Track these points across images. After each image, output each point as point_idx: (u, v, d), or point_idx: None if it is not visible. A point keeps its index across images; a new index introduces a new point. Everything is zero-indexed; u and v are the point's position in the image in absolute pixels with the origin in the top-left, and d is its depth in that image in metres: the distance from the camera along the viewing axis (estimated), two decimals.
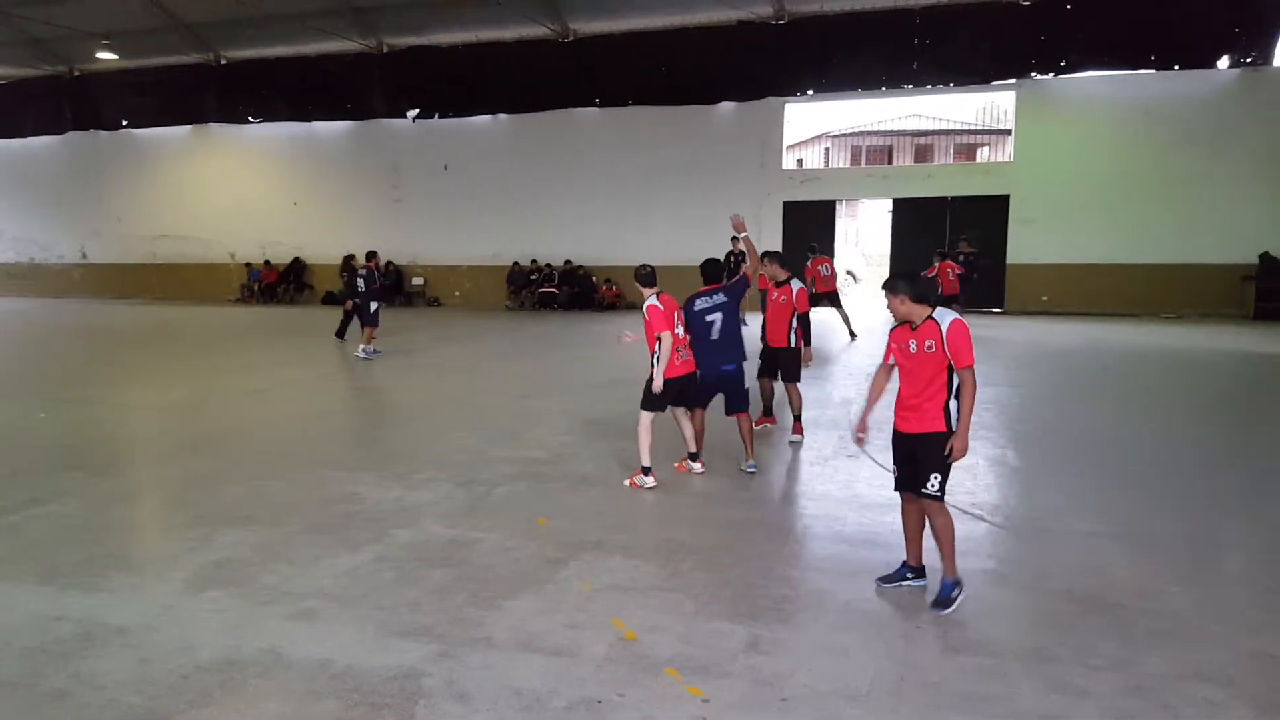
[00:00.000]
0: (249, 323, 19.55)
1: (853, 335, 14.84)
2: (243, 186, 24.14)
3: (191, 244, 24.50)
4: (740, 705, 3.58)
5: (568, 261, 21.48)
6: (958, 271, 15.79)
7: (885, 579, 4.74)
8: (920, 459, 4.45)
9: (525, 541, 5.44)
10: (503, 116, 21.83)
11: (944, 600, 4.42)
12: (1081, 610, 4.42)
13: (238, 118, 23.83)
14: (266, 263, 23.82)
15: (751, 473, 6.79)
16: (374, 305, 13.33)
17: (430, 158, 22.33)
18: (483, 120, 21.94)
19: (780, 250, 9.33)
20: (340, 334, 14.29)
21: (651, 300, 6.41)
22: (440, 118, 22.22)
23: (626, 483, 6.60)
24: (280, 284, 23.62)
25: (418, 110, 22.30)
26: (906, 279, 4.47)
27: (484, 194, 21.95)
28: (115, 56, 22.61)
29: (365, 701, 3.59)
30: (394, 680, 3.76)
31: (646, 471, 6.53)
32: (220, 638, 4.16)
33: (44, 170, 25.98)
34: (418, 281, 22.86)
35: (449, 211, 22.33)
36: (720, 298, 6.64)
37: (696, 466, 6.91)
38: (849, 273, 28.94)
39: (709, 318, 6.59)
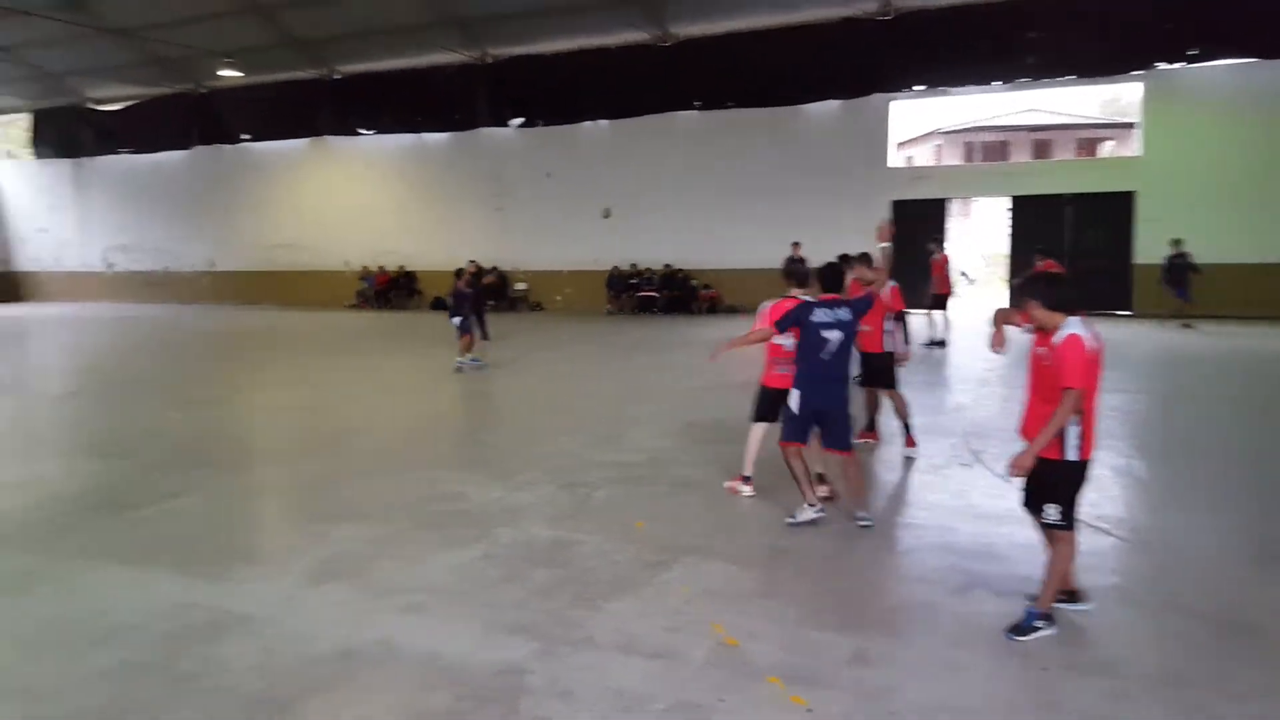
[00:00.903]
0: (362, 328, 20.32)
1: (940, 343, 14.08)
2: (355, 196, 25.11)
3: (308, 252, 25.63)
4: (845, 717, 3.50)
5: (667, 265, 21.53)
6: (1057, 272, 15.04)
7: (1033, 598, 4.37)
8: (1037, 485, 4.19)
9: (625, 544, 5.46)
10: (603, 122, 22.07)
11: (1021, 628, 4.14)
12: (1217, 632, 4.15)
13: (349, 130, 24.81)
14: (381, 269, 24.72)
15: (867, 526, 5.66)
16: (457, 318, 12.95)
17: (533, 165, 22.76)
18: (584, 127, 22.23)
19: (869, 254, 8.73)
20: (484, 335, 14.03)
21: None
22: (543, 125, 22.62)
23: (726, 485, 6.53)
24: (391, 290, 24.48)
25: (521, 119, 22.76)
26: (1043, 282, 4.17)
27: (585, 199, 22.24)
28: (238, 73, 23.88)
29: (472, 695, 3.67)
30: (499, 676, 3.83)
31: (746, 480, 6.42)
32: (336, 629, 4.33)
33: (175, 183, 27.64)
34: (521, 287, 23.31)
35: (550, 217, 22.71)
36: (844, 313, 5.59)
37: (746, 490, 6.44)
38: (963, 273, 28.05)
39: (827, 334, 5.54)
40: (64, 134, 28.53)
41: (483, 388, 11.91)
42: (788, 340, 5.95)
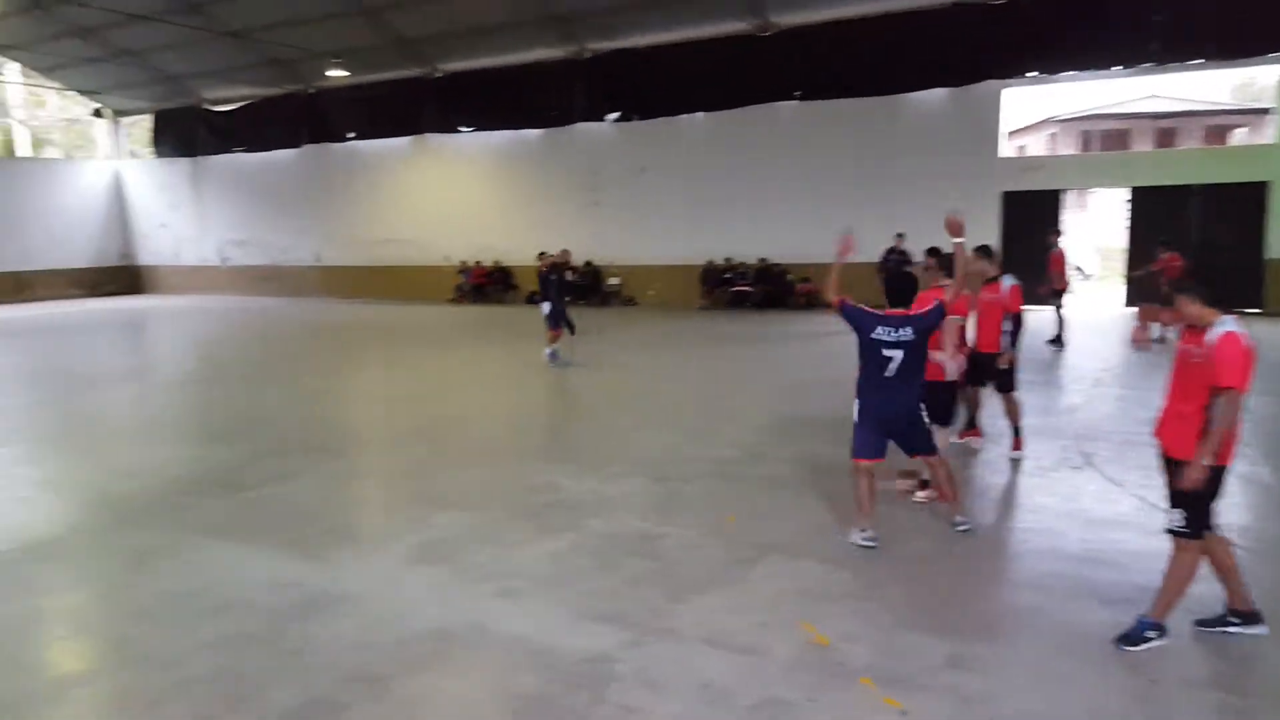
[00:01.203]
0: (459, 321, 20.80)
1: (1058, 341, 13.36)
2: (454, 192, 25.67)
3: (410, 247, 26.32)
4: None
5: (762, 259, 21.29)
6: (1180, 264, 14.14)
7: (1203, 622, 4.12)
8: (1171, 486, 3.96)
9: (715, 539, 5.44)
10: (700, 115, 21.91)
11: (1131, 637, 3.94)
12: None
13: (450, 128, 25.30)
14: (478, 263, 25.24)
15: (965, 530, 5.45)
16: (546, 307, 13.15)
17: (628, 160, 22.81)
18: (680, 120, 22.08)
19: (987, 245, 8.02)
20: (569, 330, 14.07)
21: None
22: (639, 119, 22.62)
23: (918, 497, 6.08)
24: (488, 284, 24.97)
25: (618, 114, 22.84)
26: (1203, 280, 4.01)
27: (680, 193, 22.16)
28: (345, 73, 24.69)
29: (560, 680, 3.72)
30: (587, 663, 3.86)
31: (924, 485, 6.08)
32: (432, 610, 4.45)
33: (284, 181, 28.77)
34: (614, 282, 23.44)
35: (645, 211, 22.71)
36: (908, 333, 5.13)
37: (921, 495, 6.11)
38: (1078, 268, 26.84)
39: (888, 353, 5.15)
40: (182, 134, 30.00)
41: (576, 381, 12.04)
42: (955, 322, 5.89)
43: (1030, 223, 16.65)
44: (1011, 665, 3.84)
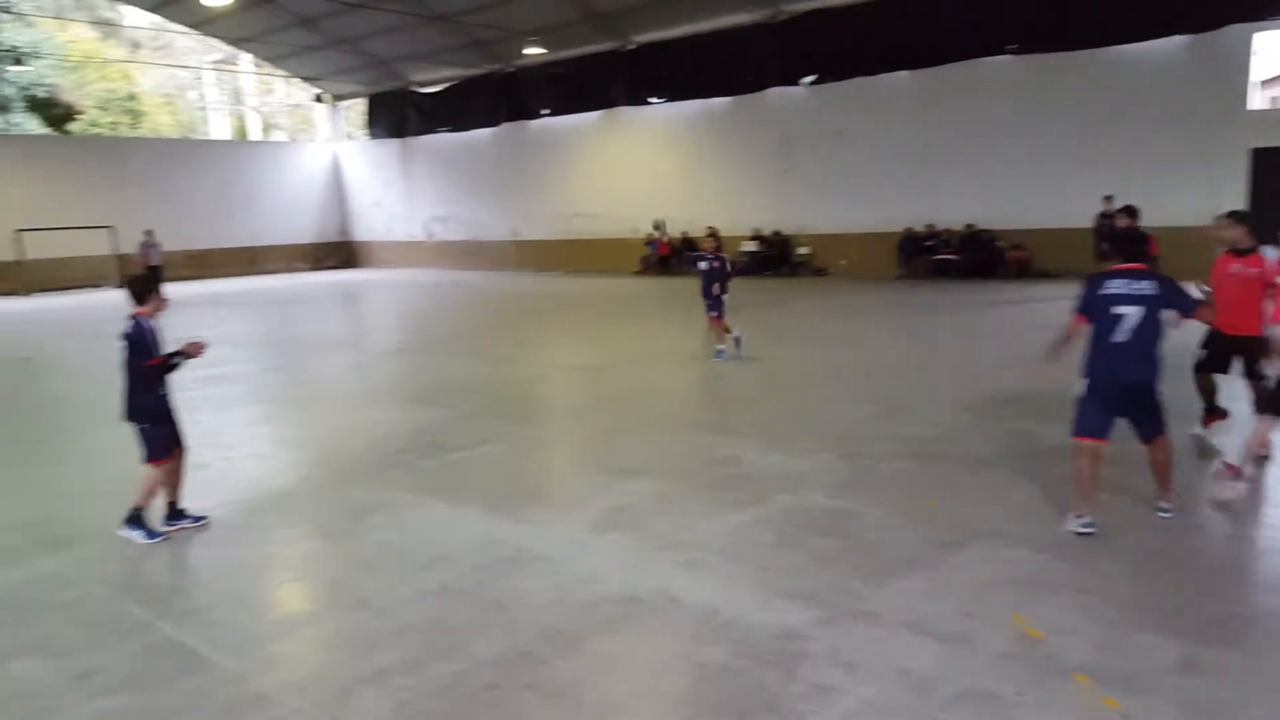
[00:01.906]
0: (646, 293, 21.05)
1: None
2: (643, 164, 25.92)
3: (600, 220, 26.90)
4: None
5: (969, 225, 20.00)
6: None
7: None
8: None
9: (914, 521, 5.18)
10: (903, 74, 20.78)
11: None
12: None
13: (641, 100, 25.50)
14: (663, 235, 25.43)
15: (1166, 516, 4.99)
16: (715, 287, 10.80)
17: (822, 124, 22.05)
18: (880, 79, 21.00)
19: (1245, 210, 6.81)
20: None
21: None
22: (835, 80, 21.76)
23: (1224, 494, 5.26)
24: (673, 257, 25.12)
25: (814, 76, 22.11)
26: None
27: (877, 157, 21.21)
28: (542, 50, 25.45)
29: (749, 654, 3.67)
30: (777, 639, 3.79)
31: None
32: (621, 574, 4.52)
33: (484, 159, 30.17)
34: (803, 251, 22.91)
35: (838, 178, 21.94)
36: (1146, 286, 4.65)
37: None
38: None
39: (1120, 309, 4.64)
40: (393, 116, 32.08)
41: (762, 354, 11.86)
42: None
43: None
44: (1253, 674, 3.44)
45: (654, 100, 25.25)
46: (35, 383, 11.88)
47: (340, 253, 34.23)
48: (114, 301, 22.63)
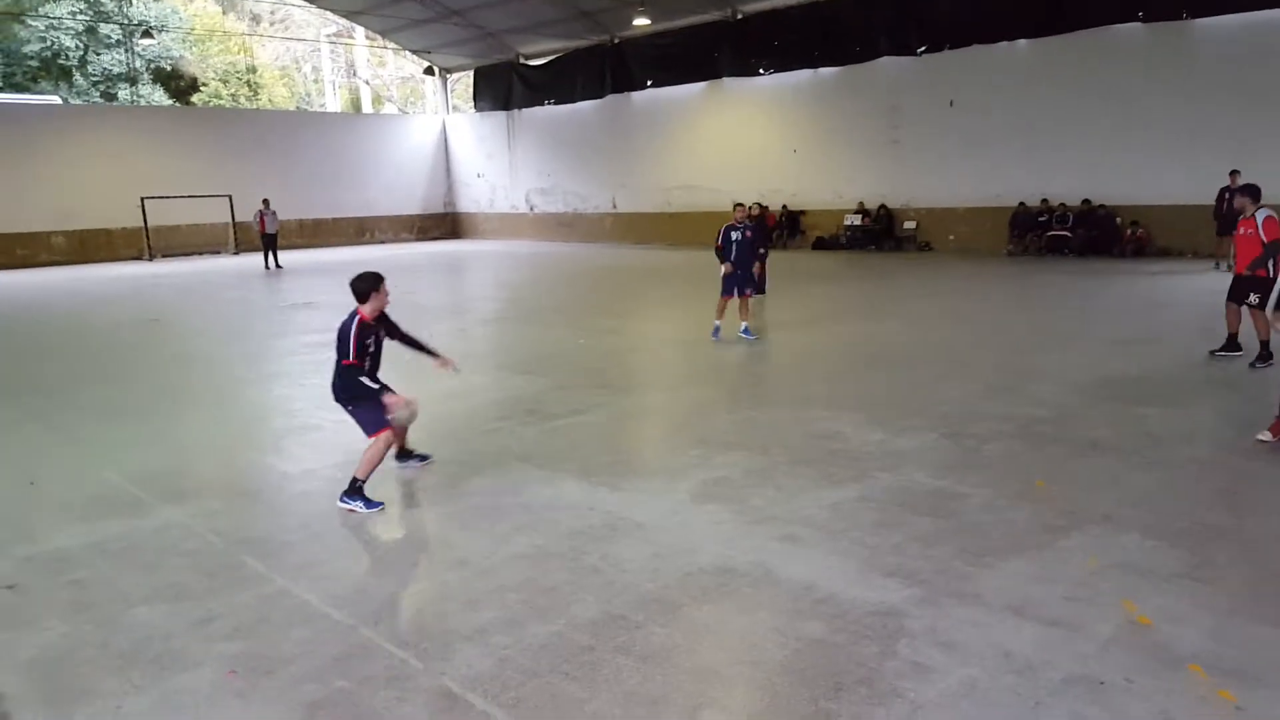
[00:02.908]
0: None
1: None
2: (747, 137, 25.58)
3: (701, 193, 26.72)
4: None
5: (1085, 201, 19.07)
6: None
7: None
8: None
9: (1020, 502, 5.03)
10: (1021, 43, 19.84)
11: None
12: None
13: (748, 70, 25.08)
14: (764, 209, 25.09)
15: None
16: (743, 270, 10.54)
17: (933, 95, 21.29)
18: (996, 49, 20.11)
19: None
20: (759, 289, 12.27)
21: None
22: (950, 49, 20.94)
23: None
24: (774, 230, 24.76)
25: (925, 46, 21.34)
26: None
27: (989, 129, 20.37)
28: (647, 21, 25.32)
29: (847, 629, 3.64)
30: (876, 615, 3.75)
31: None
32: (717, 546, 4.53)
33: (585, 131, 30.32)
34: (909, 225, 22.27)
35: (949, 150, 21.17)
36: None
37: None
38: None
39: None
40: (499, 88, 32.54)
41: (862, 330, 11.66)
42: None
43: None
44: None
45: (761, 71, 24.81)
46: (161, 343, 12.57)
47: (445, 224, 35.12)
48: (232, 267, 23.76)
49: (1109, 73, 18.43)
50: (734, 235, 10.35)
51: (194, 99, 37.86)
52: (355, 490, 5.29)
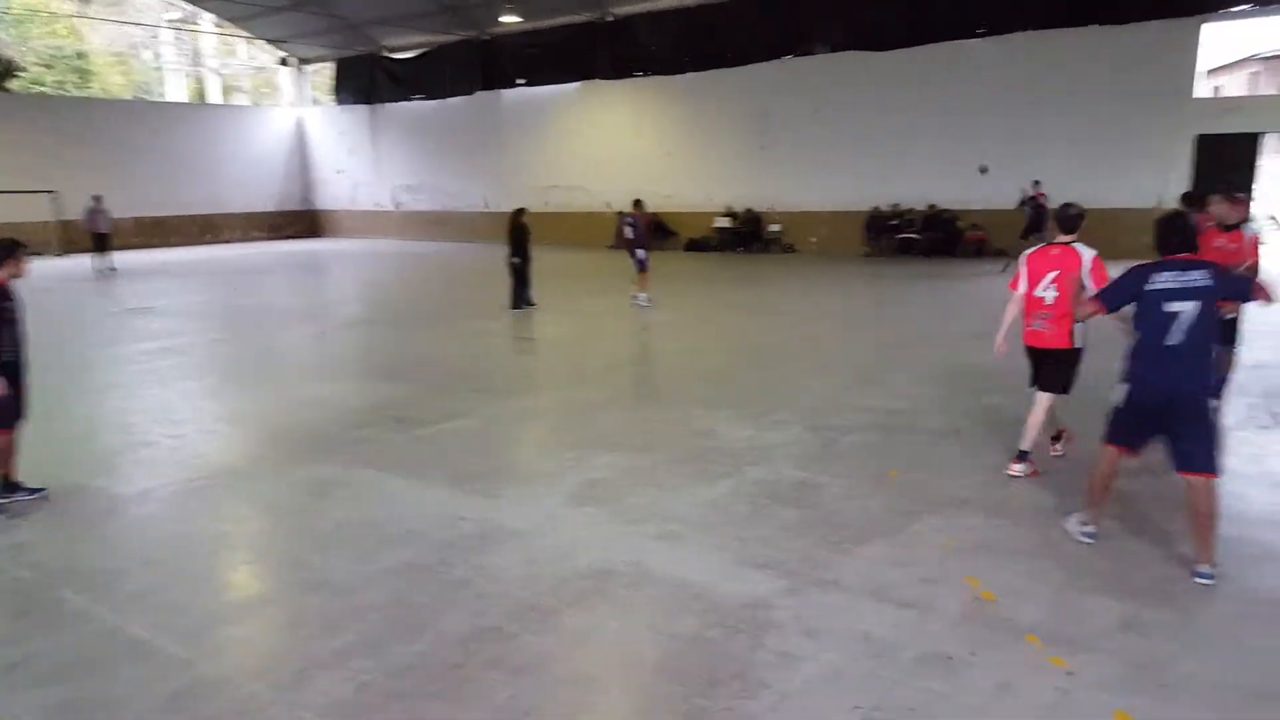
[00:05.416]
0: (619, 267, 20.97)
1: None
2: (620, 138, 25.65)
3: (576, 194, 26.62)
4: (1110, 684, 3.29)
5: (931, 205, 20.27)
6: None
7: None
8: None
9: (877, 491, 5.33)
10: (879, 54, 20.77)
11: None
12: None
13: (621, 72, 25.09)
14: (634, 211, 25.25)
15: (1207, 584, 4.05)
16: (640, 253, 13.50)
17: (798, 102, 22.01)
18: (856, 57, 21.02)
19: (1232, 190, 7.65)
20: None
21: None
22: (815, 54, 21.59)
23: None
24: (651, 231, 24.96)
25: (793, 52, 22.00)
26: None
27: (848, 137, 21.25)
28: (518, 18, 25.01)
29: (720, 624, 3.76)
30: (747, 608, 3.88)
31: (1022, 457, 5.53)
32: (594, 548, 4.57)
33: (455, 128, 29.66)
34: (774, 228, 22.93)
35: (813, 156, 21.97)
36: (1200, 277, 4.02)
37: (1016, 469, 5.52)
38: (1273, 218, 24.17)
39: (1172, 306, 4.02)
40: (362, 81, 31.39)
41: (732, 328, 11.97)
42: (1049, 293, 5.16)
43: (1225, 169, 15.12)
44: (1189, 631, 3.67)
45: (634, 73, 24.93)
46: None
47: (301, 221, 33.64)
48: (57, 270, 21.77)
49: (954, 83, 19.65)
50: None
51: (12, 85, 34.79)
52: None
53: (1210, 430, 4.14)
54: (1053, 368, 5.37)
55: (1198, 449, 4.07)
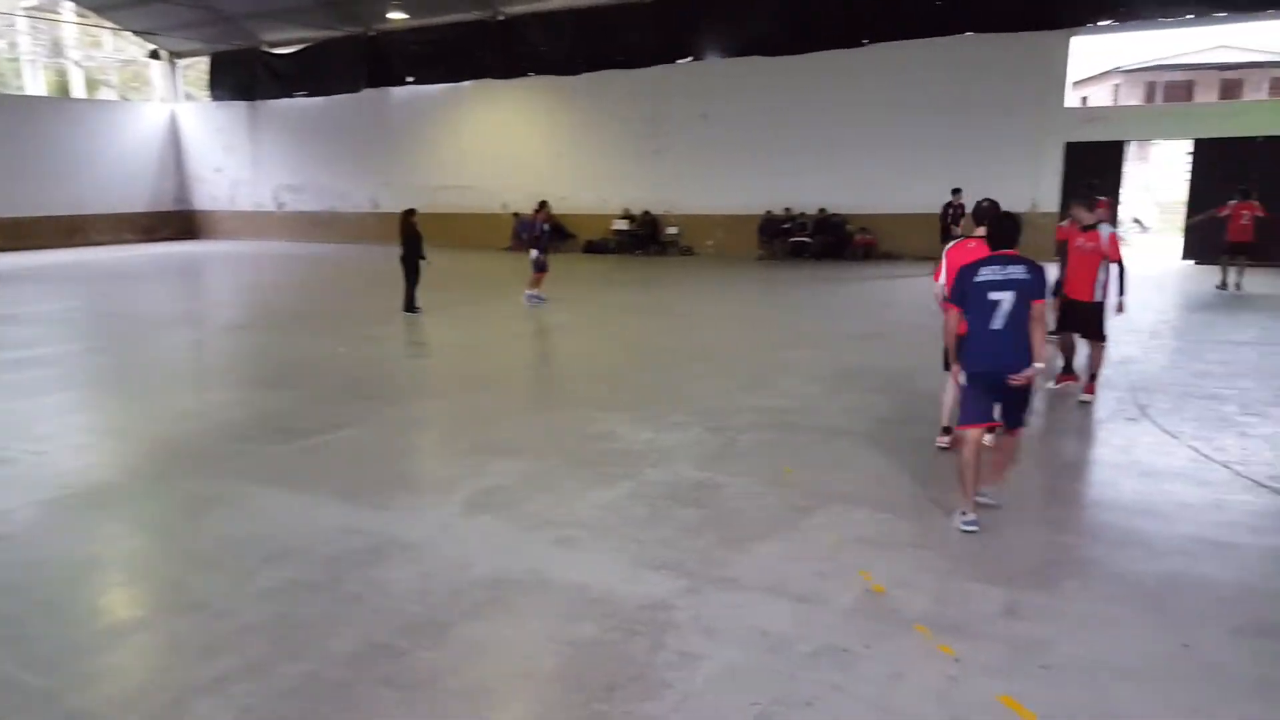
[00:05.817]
0: (514, 270, 20.76)
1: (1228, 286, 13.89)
2: (514, 139, 25.37)
3: (470, 194, 26.16)
4: (995, 668, 3.42)
5: (821, 209, 20.84)
6: (1257, 215, 13.75)
7: None
8: None
9: (772, 488, 5.42)
10: (765, 59, 21.23)
11: None
12: None
13: (513, 72, 24.80)
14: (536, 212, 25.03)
15: (986, 502, 4.95)
16: (534, 253, 13.65)
17: (690, 106, 22.28)
18: (743, 63, 21.39)
19: (1090, 192, 8.46)
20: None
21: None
22: (716, 57, 21.85)
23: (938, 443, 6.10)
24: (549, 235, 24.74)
25: (686, 56, 22.23)
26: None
27: (740, 141, 21.64)
28: (405, 16, 24.44)
29: (620, 627, 3.73)
30: (645, 610, 3.88)
31: (947, 431, 6.01)
32: (491, 558, 4.48)
33: (342, 126, 28.72)
34: (672, 231, 23.13)
35: (706, 160, 22.26)
36: (1019, 271, 4.63)
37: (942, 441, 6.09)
38: (1136, 220, 25.95)
39: (994, 295, 4.64)
40: (240, 76, 30.04)
41: (631, 331, 12.00)
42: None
43: (1091, 174, 16.14)
44: (1066, 613, 3.86)
45: (525, 74, 24.72)
46: None
47: (177, 222, 31.97)
48: None
49: (839, 90, 20.30)
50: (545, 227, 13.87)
51: None
52: None
53: (1029, 398, 4.88)
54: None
55: (1020, 414, 4.87)
